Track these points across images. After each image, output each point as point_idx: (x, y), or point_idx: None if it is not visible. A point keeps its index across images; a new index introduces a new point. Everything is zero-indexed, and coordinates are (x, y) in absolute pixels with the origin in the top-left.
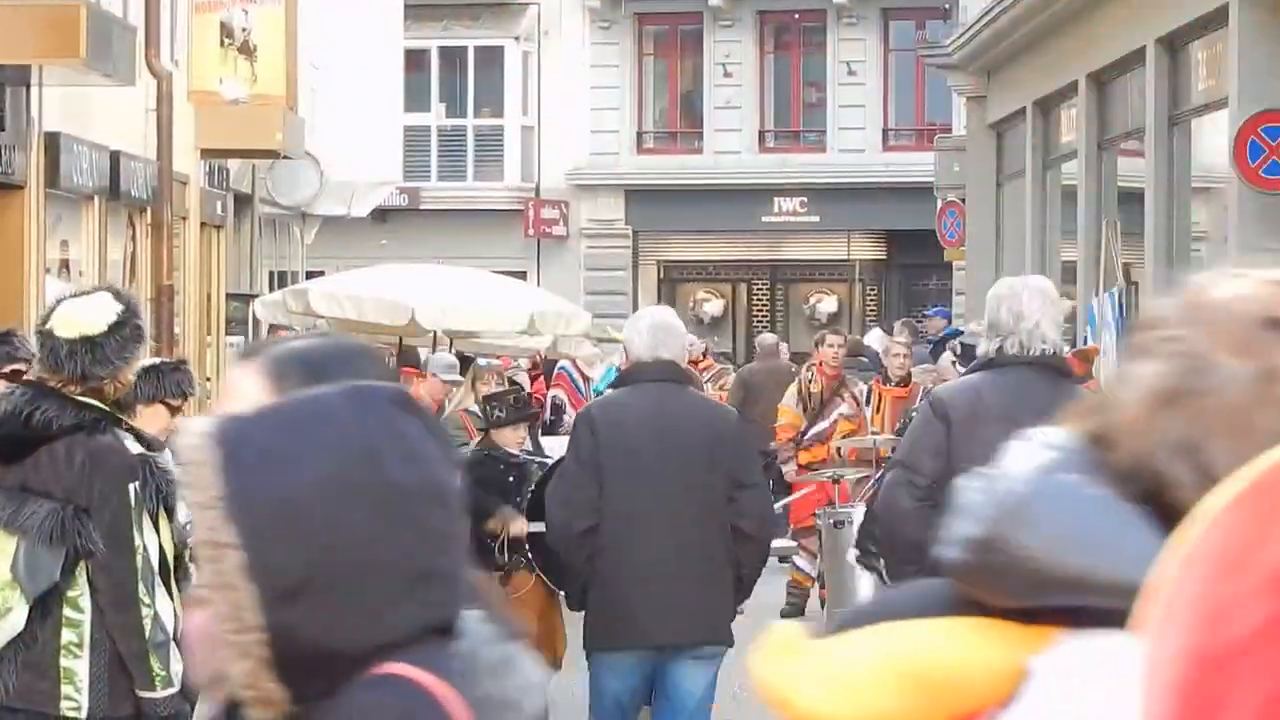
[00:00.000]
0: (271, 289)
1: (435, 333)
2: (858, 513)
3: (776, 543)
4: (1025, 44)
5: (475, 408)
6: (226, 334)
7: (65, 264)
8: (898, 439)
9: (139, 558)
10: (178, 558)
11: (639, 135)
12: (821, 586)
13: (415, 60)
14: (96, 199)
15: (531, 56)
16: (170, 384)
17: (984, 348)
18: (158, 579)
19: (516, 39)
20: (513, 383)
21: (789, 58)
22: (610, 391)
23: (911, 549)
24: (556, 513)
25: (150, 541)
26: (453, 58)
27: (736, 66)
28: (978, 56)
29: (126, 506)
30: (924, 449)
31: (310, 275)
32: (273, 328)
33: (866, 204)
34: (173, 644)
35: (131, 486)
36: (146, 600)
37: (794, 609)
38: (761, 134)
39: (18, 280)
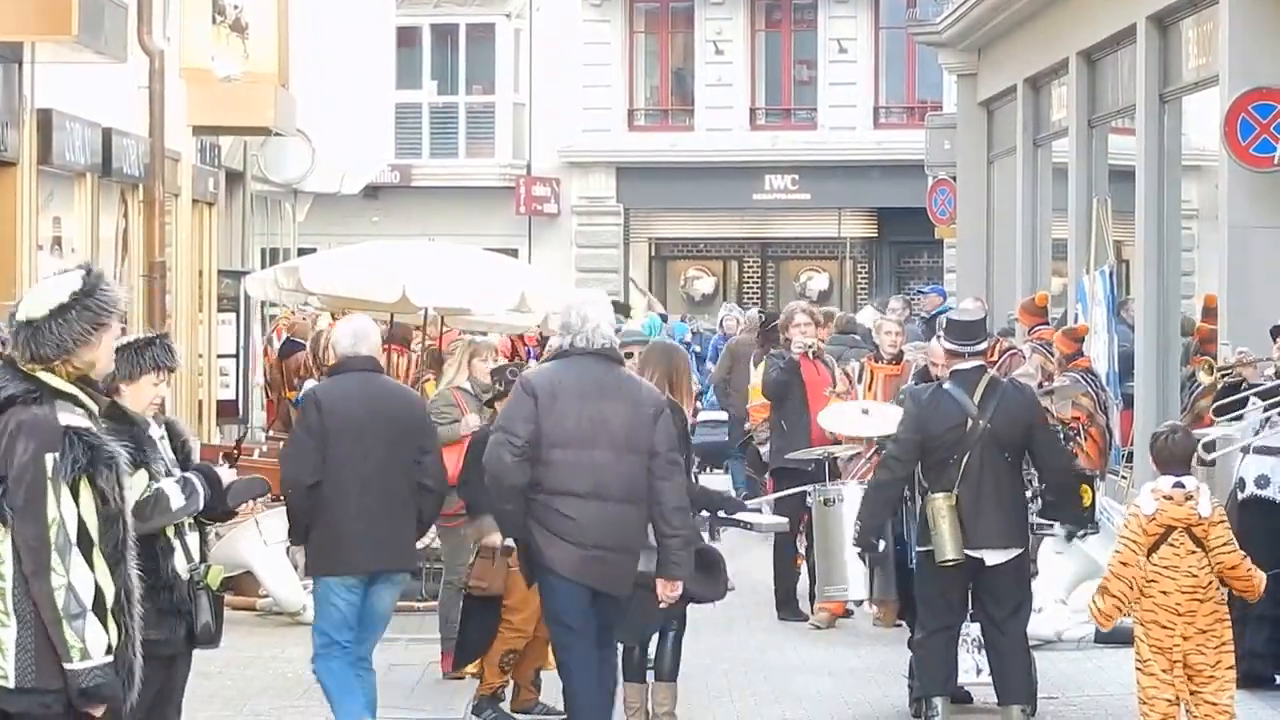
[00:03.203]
0: (263, 266)
1: (426, 310)
2: (849, 491)
3: (755, 518)
4: (1016, 21)
5: (468, 385)
6: (218, 311)
7: (58, 241)
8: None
9: (54, 528)
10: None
11: (630, 113)
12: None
13: (407, 37)
14: (89, 176)
15: (523, 34)
16: (145, 360)
17: (557, 343)
18: (75, 549)
19: (508, 16)
20: (515, 356)
21: (780, 35)
22: (326, 379)
23: (510, 490)
24: (288, 470)
25: (68, 512)
26: (444, 35)
27: (728, 44)
28: (968, 34)
29: (42, 475)
30: (518, 418)
31: (302, 252)
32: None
33: (857, 181)
34: (90, 615)
35: (50, 456)
36: (59, 570)
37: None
38: (753, 111)
39: (10, 257)
